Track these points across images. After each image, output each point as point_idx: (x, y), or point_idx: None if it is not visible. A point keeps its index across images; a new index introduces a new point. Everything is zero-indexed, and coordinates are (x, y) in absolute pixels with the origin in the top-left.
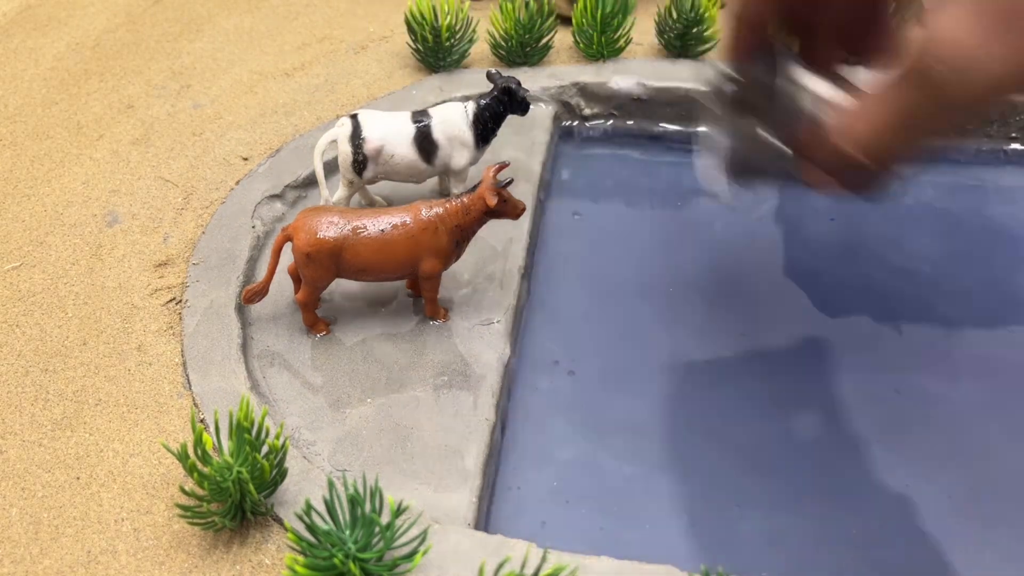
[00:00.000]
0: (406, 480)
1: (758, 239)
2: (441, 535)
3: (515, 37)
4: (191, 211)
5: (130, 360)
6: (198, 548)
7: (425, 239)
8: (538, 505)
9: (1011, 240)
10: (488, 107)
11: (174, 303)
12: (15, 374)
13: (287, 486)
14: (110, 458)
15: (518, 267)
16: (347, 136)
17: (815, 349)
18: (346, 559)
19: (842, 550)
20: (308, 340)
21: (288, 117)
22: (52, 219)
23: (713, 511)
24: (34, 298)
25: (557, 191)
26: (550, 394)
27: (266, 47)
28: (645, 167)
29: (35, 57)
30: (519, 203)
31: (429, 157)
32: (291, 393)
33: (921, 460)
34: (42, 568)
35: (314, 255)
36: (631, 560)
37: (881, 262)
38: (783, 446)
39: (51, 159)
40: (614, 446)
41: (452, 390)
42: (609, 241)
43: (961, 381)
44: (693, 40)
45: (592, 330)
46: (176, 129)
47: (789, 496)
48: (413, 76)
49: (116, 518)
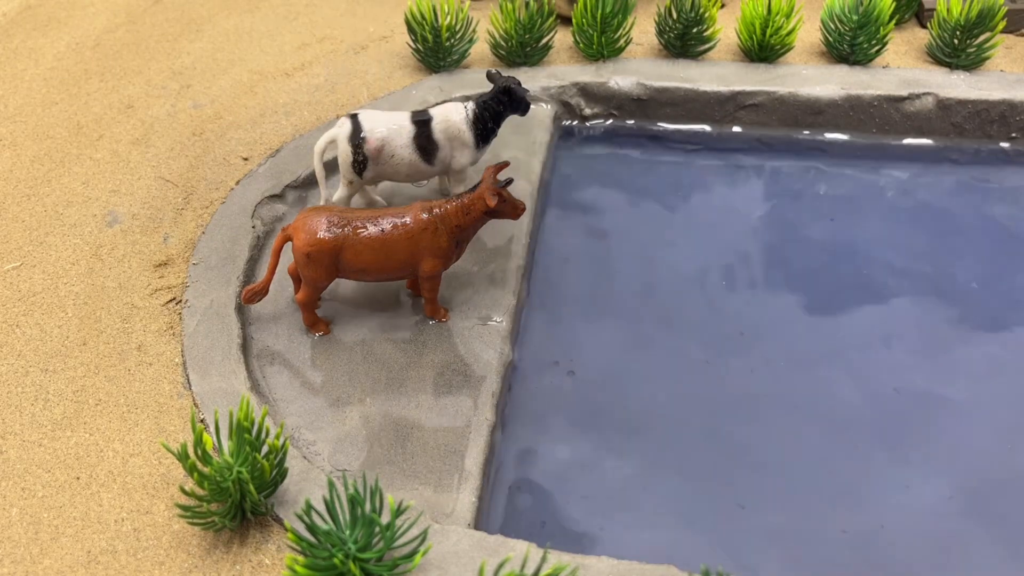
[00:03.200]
0: (406, 480)
1: (758, 239)
2: (441, 535)
3: (515, 37)
4: (191, 211)
5: (130, 360)
6: (198, 548)
7: (425, 239)
8: (538, 505)
9: (1011, 240)
10: (488, 107)
11: (174, 303)
12: (15, 374)
13: (287, 486)
14: (110, 458)
15: (518, 267)
16: (347, 136)
17: (815, 349)
18: (346, 559)
19: (842, 550)
20: (308, 340)
21: (288, 117)
22: (52, 219)
23: (713, 511)
24: (34, 298)
25: (557, 191)
26: (550, 394)
27: (266, 47)
28: (645, 167)
29: (35, 57)
30: (519, 203)
31: (429, 157)
32: (291, 393)
33: (921, 460)
34: (42, 568)
35: (314, 255)
36: (631, 560)
37: (881, 262)
38: (783, 446)
39: (51, 159)
40: (614, 446)
41: (452, 390)
42: (609, 241)
43: (961, 381)
44: (693, 40)
45: (592, 330)
46: (176, 129)
47: (789, 496)
48: (413, 76)
49: (116, 518)
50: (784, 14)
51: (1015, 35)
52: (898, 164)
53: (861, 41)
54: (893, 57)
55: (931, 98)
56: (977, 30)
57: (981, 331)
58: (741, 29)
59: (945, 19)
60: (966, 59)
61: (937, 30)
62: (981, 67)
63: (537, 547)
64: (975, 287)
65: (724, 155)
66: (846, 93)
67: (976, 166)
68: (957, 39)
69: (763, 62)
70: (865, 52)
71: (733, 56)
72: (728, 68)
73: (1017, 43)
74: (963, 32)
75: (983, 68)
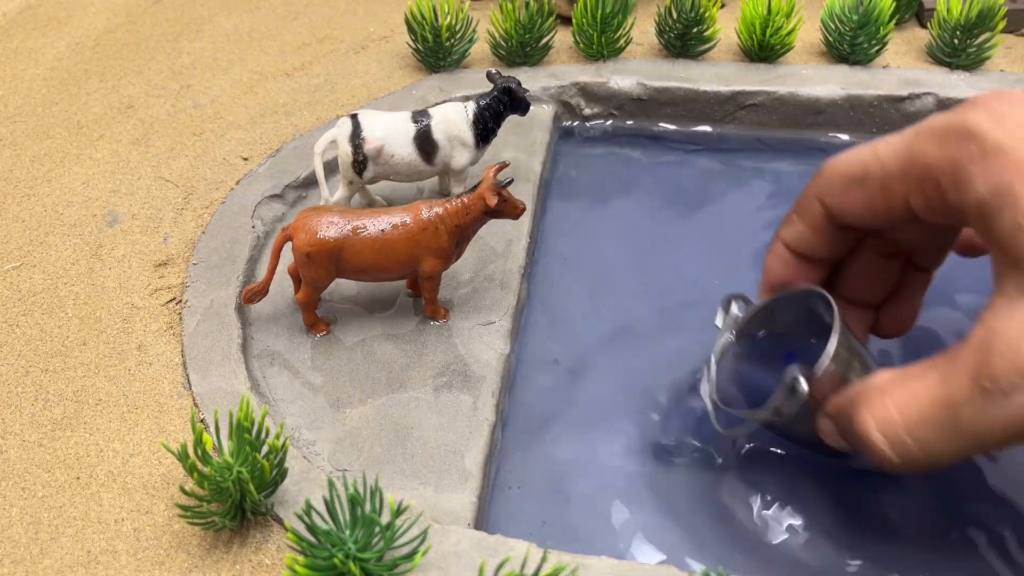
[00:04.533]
0: (406, 480)
1: (758, 239)
2: (441, 535)
3: (515, 37)
4: (191, 211)
5: (130, 360)
6: (198, 548)
7: (425, 239)
8: (538, 505)
9: None
10: (488, 107)
11: (174, 303)
12: (15, 374)
13: (287, 486)
14: (110, 458)
15: (518, 267)
16: (347, 136)
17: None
18: (346, 559)
19: (842, 550)
20: (308, 340)
21: (288, 117)
22: (52, 219)
23: (713, 511)
24: (34, 298)
25: (557, 191)
26: (550, 394)
27: (266, 47)
28: (645, 167)
29: (35, 57)
30: (519, 203)
31: (429, 157)
32: (291, 393)
33: None
34: (42, 568)
35: (314, 255)
36: (631, 560)
37: None
38: (783, 446)
39: (51, 159)
40: (614, 446)
41: (452, 390)
42: (609, 241)
43: None
44: (693, 40)
45: (592, 330)
46: (176, 129)
47: (789, 496)
48: (413, 76)
49: (116, 518)
50: (784, 14)
51: (1015, 35)
52: None
53: (861, 41)
54: (893, 57)
55: (931, 98)
56: (977, 30)
57: None
58: (741, 29)
59: (945, 19)
60: (966, 59)
61: (937, 30)
62: (981, 67)
63: (537, 547)
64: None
65: (724, 155)
66: (846, 93)
67: None
68: (957, 39)
69: (763, 62)
70: (865, 52)
71: (733, 56)
72: (728, 68)
73: (1017, 43)
74: (963, 32)
75: (983, 68)
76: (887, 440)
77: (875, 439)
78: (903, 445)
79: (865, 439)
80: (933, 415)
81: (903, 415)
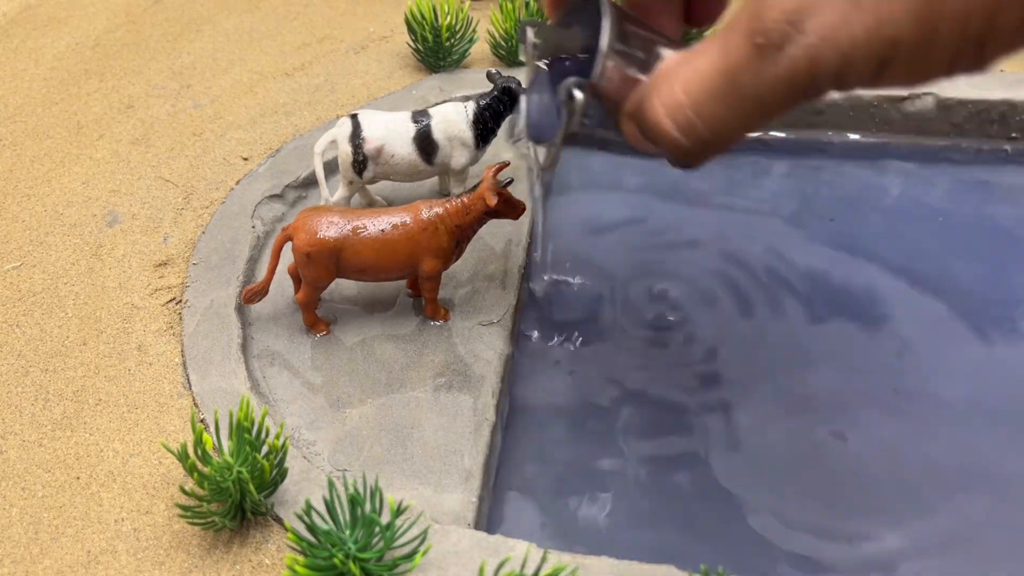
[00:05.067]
0: (406, 480)
1: (758, 239)
2: (441, 535)
3: (515, 37)
4: (191, 211)
5: (130, 360)
6: (198, 548)
7: (425, 239)
8: (538, 505)
9: (1011, 240)
10: (488, 107)
11: (174, 303)
12: (15, 374)
13: (287, 486)
14: (110, 458)
15: (518, 267)
16: (347, 136)
17: (815, 349)
18: (346, 559)
19: (842, 550)
20: (308, 340)
21: (288, 117)
22: (52, 219)
23: (713, 511)
24: (34, 298)
25: (557, 191)
26: (550, 394)
27: (266, 47)
28: (645, 166)
29: (35, 57)
30: (519, 203)
31: (429, 157)
32: (291, 393)
33: (921, 460)
34: (42, 568)
35: (314, 255)
36: (631, 560)
37: (881, 262)
38: (783, 446)
39: (51, 159)
40: (614, 446)
41: (452, 390)
42: (609, 241)
43: (961, 381)
44: (693, 39)
45: (592, 330)
46: (176, 129)
47: (789, 496)
48: (413, 76)
49: (116, 518)
50: None
51: None
52: (898, 164)
53: None
54: None
55: (931, 98)
56: None
57: (981, 331)
58: None
59: None
60: None
61: None
62: None
63: (537, 547)
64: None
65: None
66: (846, 93)
67: (976, 166)
68: None
69: None
70: None
71: None
72: None
73: None
74: None
75: None
76: (675, 123)
77: (664, 125)
78: (690, 125)
79: (656, 128)
80: (715, 87)
81: (688, 94)
